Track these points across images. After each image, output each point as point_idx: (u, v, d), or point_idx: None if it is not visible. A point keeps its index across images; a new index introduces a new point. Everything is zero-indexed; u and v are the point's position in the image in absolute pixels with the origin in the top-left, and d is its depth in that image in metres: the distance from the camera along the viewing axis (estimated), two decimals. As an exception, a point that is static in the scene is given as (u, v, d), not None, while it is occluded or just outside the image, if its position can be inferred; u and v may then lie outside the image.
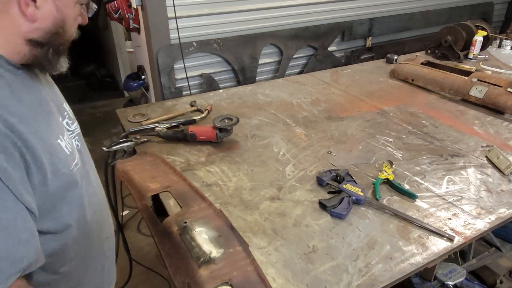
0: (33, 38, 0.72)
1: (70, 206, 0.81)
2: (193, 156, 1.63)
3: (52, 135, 0.77)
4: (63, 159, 0.78)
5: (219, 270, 1.06)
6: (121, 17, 2.77)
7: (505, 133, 1.86)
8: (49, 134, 0.76)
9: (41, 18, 0.71)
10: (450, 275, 1.64)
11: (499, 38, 3.11)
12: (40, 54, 0.75)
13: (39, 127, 0.74)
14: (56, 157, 0.76)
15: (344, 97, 2.26)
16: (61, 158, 0.78)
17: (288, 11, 2.98)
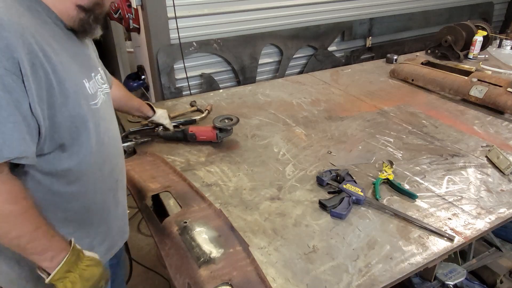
0: (81, 4, 0.91)
1: (88, 133, 0.95)
2: (193, 156, 1.63)
3: (79, 74, 0.93)
4: (85, 94, 0.94)
5: (219, 270, 1.06)
6: (121, 17, 2.77)
7: (505, 133, 1.86)
8: (76, 72, 0.92)
9: None
10: (450, 275, 1.64)
11: (499, 38, 3.11)
12: (84, 18, 0.93)
13: (69, 63, 0.90)
14: (80, 89, 0.92)
15: (344, 97, 2.26)
16: (83, 92, 0.93)
17: (288, 11, 2.98)
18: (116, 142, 1.14)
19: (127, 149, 1.66)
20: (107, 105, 1.10)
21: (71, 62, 0.92)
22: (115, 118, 1.16)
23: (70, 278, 0.90)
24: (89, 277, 0.94)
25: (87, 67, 1.02)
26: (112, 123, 1.12)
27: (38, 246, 0.87)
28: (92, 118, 0.96)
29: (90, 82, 0.99)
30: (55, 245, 0.89)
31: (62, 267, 0.89)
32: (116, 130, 1.15)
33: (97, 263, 0.98)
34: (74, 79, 0.91)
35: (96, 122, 0.98)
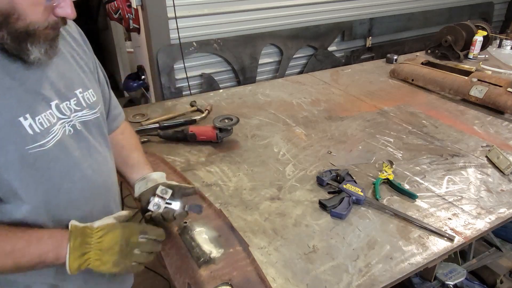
0: None
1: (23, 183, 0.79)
2: (193, 156, 1.63)
3: (12, 112, 0.76)
4: (19, 135, 0.77)
5: (219, 270, 1.06)
6: (121, 17, 2.77)
7: (505, 133, 1.86)
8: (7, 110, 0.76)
9: None
10: (450, 275, 1.64)
11: (499, 38, 3.11)
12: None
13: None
14: (8, 133, 0.76)
15: (344, 97, 2.26)
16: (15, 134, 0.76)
17: (288, 11, 2.98)
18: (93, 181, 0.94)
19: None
20: (77, 138, 0.90)
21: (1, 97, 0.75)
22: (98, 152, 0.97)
23: (92, 257, 0.84)
24: (111, 245, 0.86)
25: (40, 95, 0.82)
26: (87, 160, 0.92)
27: (32, 258, 0.80)
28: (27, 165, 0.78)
29: (39, 117, 0.80)
30: (48, 245, 0.82)
31: (71, 256, 0.82)
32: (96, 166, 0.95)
33: (111, 227, 0.88)
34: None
35: (40, 168, 0.81)
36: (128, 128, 1.24)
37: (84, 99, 0.93)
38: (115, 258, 0.86)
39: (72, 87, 0.91)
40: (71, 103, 0.89)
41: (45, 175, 0.82)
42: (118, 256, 0.86)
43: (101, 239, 0.86)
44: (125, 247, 0.87)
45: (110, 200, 1.03)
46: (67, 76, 0.90)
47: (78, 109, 0.91)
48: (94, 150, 0.95)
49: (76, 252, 0.83)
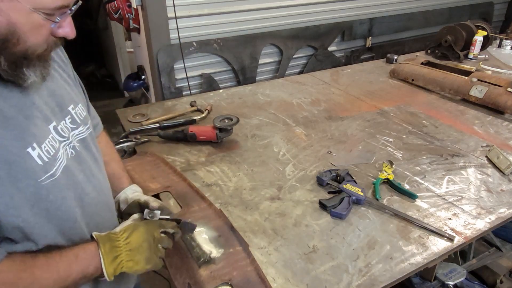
0: None
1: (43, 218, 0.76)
2: (193, 156, 1.63)
3: (19, 143, 0.71)
4: (29, 169, 0.72)
5: (219, 270, 1.06)
6: (121, 17, 2.77)
7: (505, 133, 1.86)
8: (13, 142, 0.70)
9: None
10: (450, 275, 1.64)
11: (499, 38, 3.11)
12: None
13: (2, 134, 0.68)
14: (17, 167, 0.70)
15: (344, 97, 2.26)
16: (26, 168, 0.71)
17: (288, 11, 2.98)
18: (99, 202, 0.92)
19: (127, 149, 1.66)
20: (82, 159, 0.87)
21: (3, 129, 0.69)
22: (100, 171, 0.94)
23: (124, 259, 0.84)
24: (139, 244, 0.86)
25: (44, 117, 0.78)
26: (94, 181, 0.90)
27: (77, 276, 0.80)
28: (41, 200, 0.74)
29: (44, 144, 0.75)
30: (87, 259, 0.82)
31: (105, 262, 0.82)
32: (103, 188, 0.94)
33: (134, 227, 0.89)
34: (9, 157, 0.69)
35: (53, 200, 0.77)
36: (105, 137, 1.21)
37: (77, 115, 0.89)
38: (146, 255, 0.87)
39: (64, 105, 0.86)
40: (66, 122, 0.85)
41: (59, 206, 0.79)
42: (148, 252, 0.87)
43: (128, 240, 0.86)
44: (152, 243, 0.89)
45: (113, 215, 1.03)
46: (57, 94, 0.84)
47: (74, 127, 0.87)
48: (94, 168, 0.92)
49: (109, 257, 0.83)
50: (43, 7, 0.66)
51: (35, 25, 0.68)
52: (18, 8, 0.64)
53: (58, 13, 0.70)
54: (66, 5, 0.69)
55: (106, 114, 4.82)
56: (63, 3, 0.68)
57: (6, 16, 0.64)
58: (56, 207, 0.78)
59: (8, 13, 0.64)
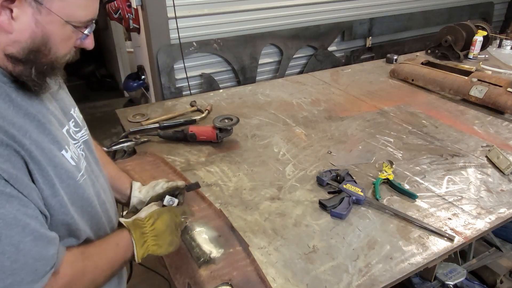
0: (12, 53, 0.67)
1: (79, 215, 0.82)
2: (193, 156, 1.63)
3: (56, 146, 0.74)
4: (69, 170, 0.76)
5: (219, 270, 1.06)
6: (121, 17, 2.77)
7: (505, 133, 1.86)
8: (51, 146, 0.73)
9: (17, 30, 0.65)
10: (450, 275, 1.64)
11: (499, 38, 3.11)
12: (23, 73, 0.69)
13: (42, 139, 0.71)
14: (61, 169, 0.74)
15: (344, 97, 2.26)
16: (67, 169, 0.76)
17: (288, 11, 2.98)
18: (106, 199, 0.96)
19: (127, 149, 1.66)
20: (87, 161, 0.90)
21: (42, 134, 0.72)
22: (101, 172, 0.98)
23: (150, 243, 0.92)
24: (163, 230, 0.95)
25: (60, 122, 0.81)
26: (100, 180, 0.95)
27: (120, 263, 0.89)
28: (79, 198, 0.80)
29: (71, 146, 0.80)
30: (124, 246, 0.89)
31: (137, 248, 0.90)
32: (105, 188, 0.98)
33: (158, 213, 0.98)
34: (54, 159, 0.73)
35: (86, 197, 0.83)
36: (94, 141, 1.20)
37: (78, 118, 0.92)
38: (169, 239, 0.96)
39: (67, 108, 0.89)
40: (71, 125, 0.87)
41: (90, 203, 0.85)
42: (170, 237, 0.96)
43: (153, 226, 0.94)
44: (174, 228, 0.98)
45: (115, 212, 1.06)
46: (59, 98, 0.87)
47: (77, 130, 0.90)
48: (97, 169, 0.95)
49: (139, 243, 0.91)
50: (76, 20, 0.70)
51: (66, 36, 0.71)
52: (54, 21, 0.67)
53: (83, 26, 0.73)
54: (94, 17, 0.73)
55: (106, 114, 4.81)
56: (92, 16, 0.73)
57: (42, 28, 0.67)
58: (88, 204, 0.84)
59: (44, 26, 0.67)
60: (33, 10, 0.65)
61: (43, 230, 0.69)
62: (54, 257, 0.71)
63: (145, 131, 1.78)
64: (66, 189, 0.76)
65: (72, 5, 0.69)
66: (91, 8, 0.72)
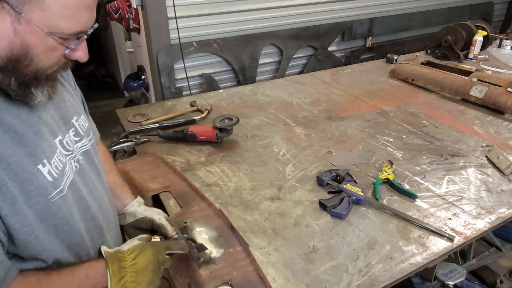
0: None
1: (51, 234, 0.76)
2: (193, 156, 1.63)
3: (30, 160, 0.70)
4: (41, 186, 0.71)
5: (219, 270, 1.06)
6: (121, 17, 2.77)
7: (505, 133, 1.86)
8: (25, 159, 0.69)
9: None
10: (450, 275, 1.64)
11: (499, 38, 3.11)
12: (2, 82, 0.66)
13: (12, 152, 0.67)
14: (30, 185, 0.69)
15: (344, 97, 2.26)
16: (38, 185, 0.71)
17: (288, 11, 2.98)
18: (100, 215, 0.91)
19: (127, 149, 1.66)
20: (85, 172, 0.86)
21: (15, 146, 0.68)
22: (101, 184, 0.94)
23: (128, 279, 0.84)
24: (145, 265, 0.87)
25: (51, 131, 0.77)
26: (96, 194, 0.90)
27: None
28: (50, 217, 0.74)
29: (53, 160, 0.75)
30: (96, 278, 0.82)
31: (112, 283, 0.82)
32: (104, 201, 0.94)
33: (142, 247, 0.89)
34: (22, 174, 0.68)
35: (62, 216, 0.76)
36: (102, 147, 1.18)
37: (80, 127, 0.88)
38: (150, 278, 0.87)
39: (68, 117, 0.85)
40: (70, 135, 0.84)
41: (66, 221, 0.78)
42: (151, 275, 0.88)
43: (134, 261, 0.86)
44: (156, 266, 0.89)
45: (114, 226, 1.03)
46: (61, 106, 0.83)
47: (77, 140, 0.86)
48: (95, 181, 0.91)
49: (116, 278, 0.83)
50: (60, 32, 0.65)
51: (49, 48, 0.67)
52: (34, 31, 0.63)
53: (73, 38, 0.69)
54: (84, 30, 0.68)
55: (106, 114, 4.81)
56: (80, 29, 0.67)
57: (21, 38, 0.63)
58: (64, 222, 0.77)
59: (23, 35, 0.63)
60: (12, 19, 0.62)
61: None
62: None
63: (145, 131, 1.79)
64: (35, 206, 0.70)
65: (55, 16, 0.64)
66: (79, 20, 0.67)
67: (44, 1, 0.62)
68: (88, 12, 0.68)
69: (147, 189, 1.38)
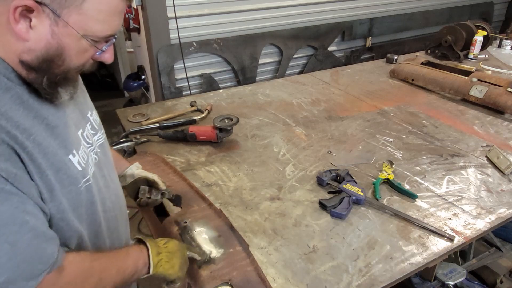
0: (26, 60, 0.68)
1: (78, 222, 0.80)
2: (193, 156, 1.63)
3: (62, 150, 0.75)
4: (72, 175, 0.76)
5: (219, 270, 1.06)
6: (121, 17, 2.77)
7: (505, 133, 1.86)
8: (58, 150, 0.74)
9: (34, 39, 0.67)
10: (450, 275, 1.64)
11: (499, 38, 3.11)
12: (35, 80, 0.70)
13: (48, 143, 0.72)
14: (64, 174, 0.74)
15: (344, 97, 2.26)
16: (70, 174, 0.76)
17: (288, 11, 2.98)
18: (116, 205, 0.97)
19: (127, 149, 1.66)
20: (102, 165, 0.91)
21: (50, 137, 0.73)
22: (115, 176, 1.00)
23: (164, 258, 0.93)
24: (174, 250, 0.97)
25: (75, 125, 0.83)
26: (112, 185, 0.95)
27: (130, 271, 0.87)
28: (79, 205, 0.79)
29: (80, 151, 0.80)
30: (135, 255, 0.90)
31: (152, 254, 0.91)
32: (118, 192, 0.99)
33: (168, 239, 1.00)
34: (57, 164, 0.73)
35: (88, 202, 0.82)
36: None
37: (94, 121, 0.93)
38: (180, 261, 0.96)
39: (84, 111, 0.90)
40: (88, 129, 0.89)
41: (90, 210, 0.83)
42: (182, 260, 0.97)
43: (166, 245, 0.96)
44: (184, 256, 1.00)
45: (126, 219, 1.07)
46: (78, 101, 0.88)
47: (94, 133, 0.91)
48: (111, 173, 0.96)
49: (154, 251, 0.92)
50: (93, 34, 0.71)
51: (82, 49, 0.72)
52: (70, 34, 0.68)
53: (103, 41, 0.74)
54: (113, 34, 0.74)
55: (106, 114, 4.83)
56: (111, 32, 0.73)
57: (58, 40, 0.68)
58: (87, 211, 0.82)
59: (60, 37, 0.68)
60: (51, 21, 0.66)
61: (42, 228, 0.69)
62: (53, 255, 0.70)
63: (145, 131, 1.78)
64: (67, 195, 0.75)
65: (90, 20, 0.69)
66: (111, 24, 0.72)
67: (82, 6, 0.67)
68: (119, 17, 0.74)
69: (147, 189, 1.38)
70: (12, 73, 0.69)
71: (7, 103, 0.66)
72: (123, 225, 1.03)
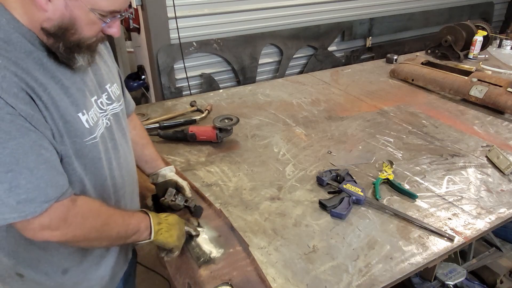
0: (46, 28, 0.80)
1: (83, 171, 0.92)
2: (193, 156, 1.63)
3: (73, 107, 0.86)
4: (79, 129, 0.88)
5: (219, 270, 1.06)
6: (121, 17, 2.77)
7: (505, 133, 1.86)
8: (69, 106, 0.85)
9: (51, 9, 0.78)
10: (450, 275, 1.64)
11: (499, 38, 3.11)
12: (53, 45, 0.82)
13: (60, 98, 0.83)
14: (71, 126, 0.86)
15: (344, 97, 2.26)
16: (77, 128, 0.87)
17: (288, 11, 2.98)
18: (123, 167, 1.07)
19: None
20: (113, 130, 1.03)
21: (63, 94, 0.85)
22: (126, 143, 1.10)
23: (163, 228, 1.04)
24: (174, 223, 1.08)
25: (90, 90, 0.94)
26: (121, 150, 1.05)
27: (133, 228, 0.98)
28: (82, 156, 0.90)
29: (90, 112, 0.92)
30: (140, 218, 1.02)
31: (154, 222, 1.03)
32: (127, 157, 1.10)
33: (168, 214, 1.11)
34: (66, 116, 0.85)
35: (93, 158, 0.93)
36: (138, 122, 1.36)
37: (112, 93, 1.04)
38: (178, 233, 1.07)
39: (103, 83, 1.02)
40: (103, 98, 1.00)
41: (94, 164, 0.94)
42: (180, 232, 1.08)
43: (167, 217, 1.08)
44: (182, 229, 1.10)
45: (135, 187, 1.18)
46: (98, 73, 1.00)
47: (109, 103, 1.02)
48: (121, 139, 1.07)
49: (155, 220, 1.04)
50: (100, 8, 0.82)
51: (90, 21, 0.83)
52: (80, 6, 0.80)
53: (110, 16, 0.85)
54: (118, 10, 0.85)
55: (106, 114, 4.67)
56: (115, 8, 0.84)
57: (70, 12, 0.80)
58: (92, 164, 0.94)
59: (72, 9, 0.80)
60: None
61: (55, 162, 0.82)
62: (64, 187, 0.83)
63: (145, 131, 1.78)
64: (72, 145, 0.87)
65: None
66: (116, 1, 0.83)
67: None
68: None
69: (147, 189, 1.38)
70: (36, 39, 0.81)
71: (29, 63, 0.79)
72: (131, 186, 1.14)
